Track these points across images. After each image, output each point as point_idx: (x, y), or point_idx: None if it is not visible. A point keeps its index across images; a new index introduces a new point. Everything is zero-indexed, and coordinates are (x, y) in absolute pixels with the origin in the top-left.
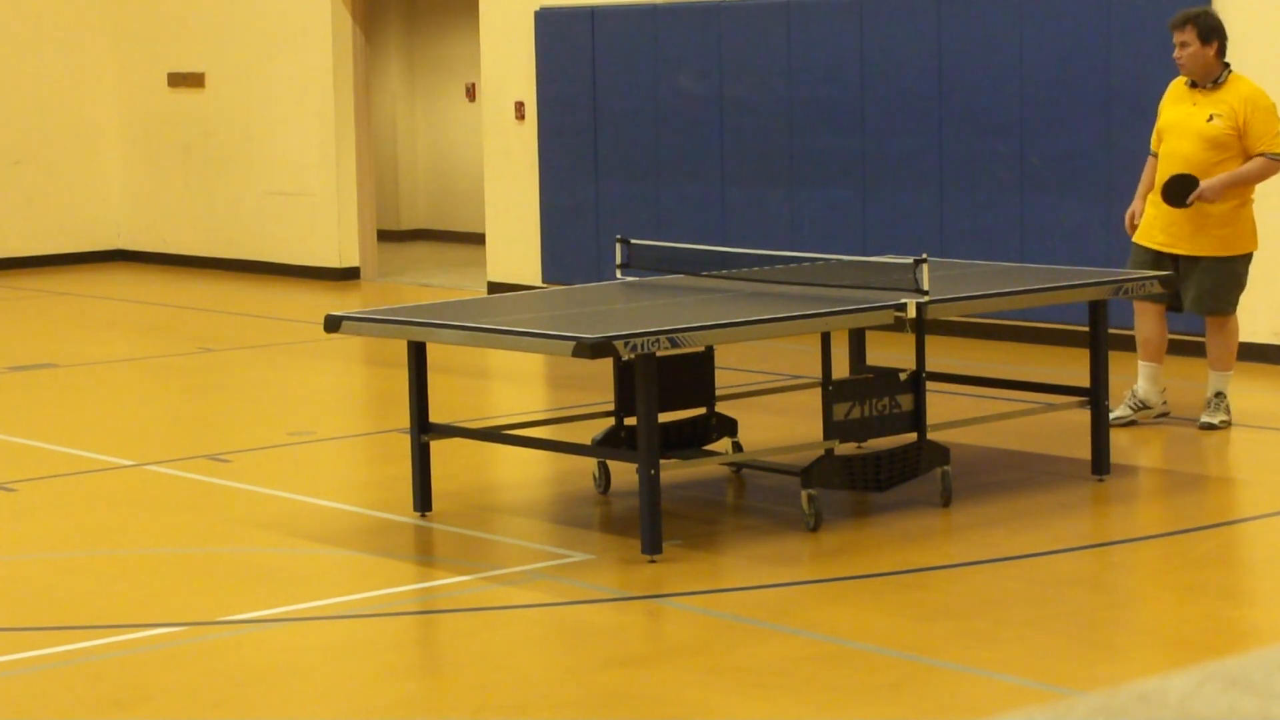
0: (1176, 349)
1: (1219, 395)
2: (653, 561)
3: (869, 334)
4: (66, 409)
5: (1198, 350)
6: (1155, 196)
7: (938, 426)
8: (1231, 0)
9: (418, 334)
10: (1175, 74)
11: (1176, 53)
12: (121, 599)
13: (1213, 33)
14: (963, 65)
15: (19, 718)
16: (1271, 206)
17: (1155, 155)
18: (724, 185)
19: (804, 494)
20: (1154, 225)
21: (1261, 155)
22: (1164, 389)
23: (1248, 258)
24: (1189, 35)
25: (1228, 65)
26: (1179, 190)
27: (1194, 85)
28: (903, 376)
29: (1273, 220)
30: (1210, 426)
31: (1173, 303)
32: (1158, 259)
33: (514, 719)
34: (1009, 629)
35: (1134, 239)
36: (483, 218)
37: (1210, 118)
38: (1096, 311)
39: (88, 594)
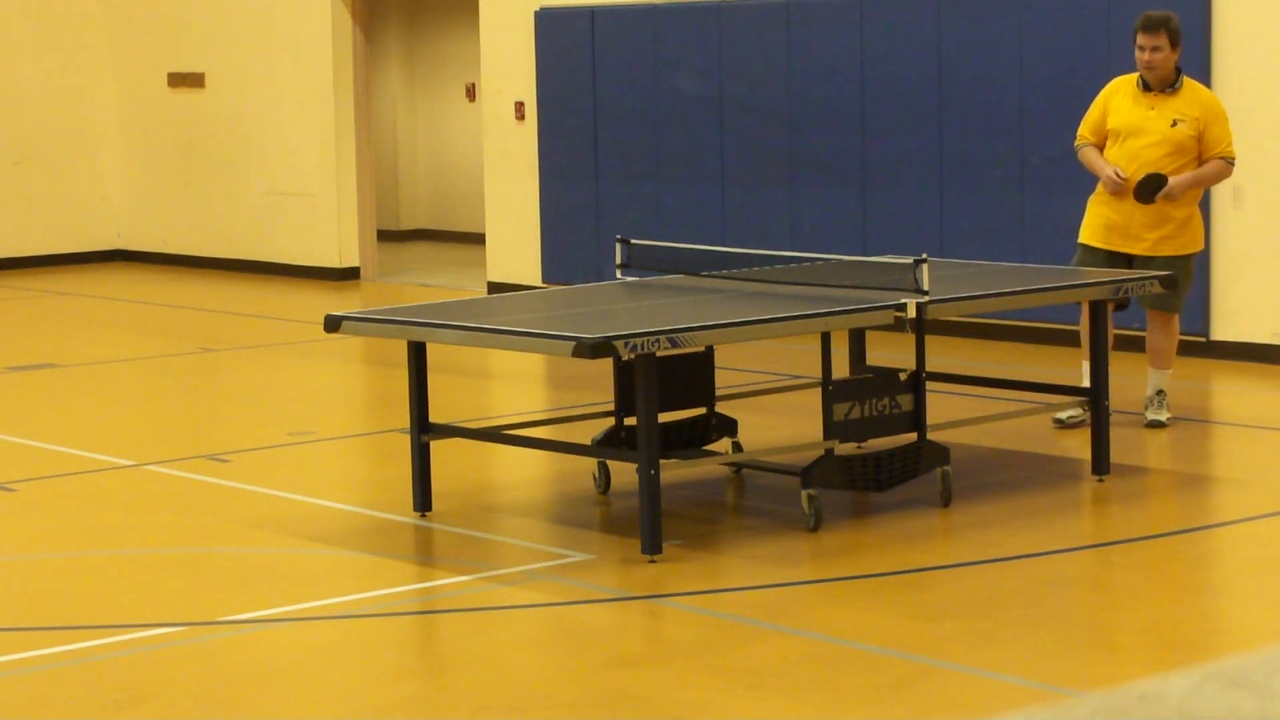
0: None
1: (1161, 393)
2: (653, 561)
3: (869, 334)
4: (66, 409)
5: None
6: (1100, 198)
7: (938, 426)
8: (1231, 0)
9: (418, 334)
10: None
11: (1147, 55)
12: (121, 599)
13: (1179, 38)
14: (963, 65)
15: (19, 718)
16: (1271, 207)
17: (1093, 146)
18: (724, 185)
19: (804, 494)
20: (1106, 226)
21: (1219, 158)
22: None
23: (1196, 257)
24: (1162, 40)
25: (1180, 70)
26: (1150, 189)
27: (1148, 89)
28: (903, 376)
29: (1272, 220)
30: (1158, 424)
31: (1120, 303)
32: (1109, 259)
33: (514, 719)
34: (1009, 629)
35: (1082, 240)
36: (483, 218)
37: (1174, 123)
38: (1097, 311)
39: (88, 594)
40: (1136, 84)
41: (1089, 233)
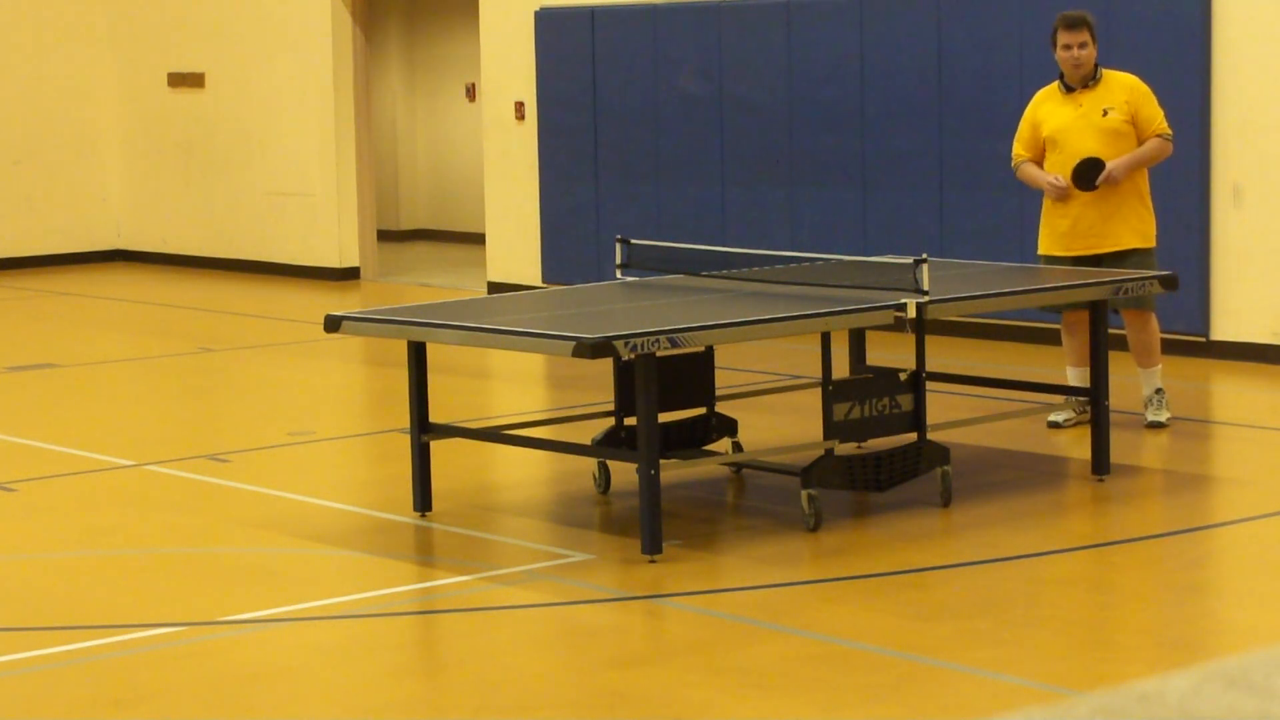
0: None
1: (1159, 392)
2: (653, 561)
3: (869, 334)
4: (66, 409)
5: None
6: (1049, 208)
7: (938, 426)
8: (1231, 1)
9: (418, 334)
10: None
11: (1074, 52)
12: (121, 599)
13: (1096, 32)
14: (963, 65)
15: (19, 718)
16: (1271, 207)
17: (1031, 161)
18: (724, 185)
19: (804, 494)
20: (1062, 233)
21: (1156, 137)
22: None
23: (1158, 253)
24: (1085, 36)
25: (1097, 64)
26: (1088, 173)
27: (1069, 89)
28: (903, 376)
29: (1272, 220)
30: (1158, 424)
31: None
32: (1074, 265)
33: (514, 719)
34: (1009, 629)
35: (1041, 251)
36: (483, 218)
37: (1105, 112)
38: (1096, 311)
39: (88, 594)
40: (1058, 89)
41: (1047, 243)
